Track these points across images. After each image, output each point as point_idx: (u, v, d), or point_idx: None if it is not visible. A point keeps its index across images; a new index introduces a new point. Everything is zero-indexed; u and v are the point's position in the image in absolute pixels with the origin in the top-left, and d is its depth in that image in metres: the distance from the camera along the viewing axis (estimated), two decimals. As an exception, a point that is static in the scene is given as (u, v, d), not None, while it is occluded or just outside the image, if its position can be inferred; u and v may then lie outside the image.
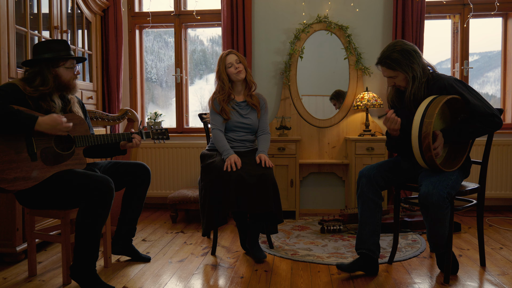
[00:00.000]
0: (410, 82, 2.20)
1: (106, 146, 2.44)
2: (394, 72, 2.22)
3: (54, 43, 2.19)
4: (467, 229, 3.25)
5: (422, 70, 2.21)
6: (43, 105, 2.15)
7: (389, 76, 2.26)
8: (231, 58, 2.74)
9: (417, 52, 2.21)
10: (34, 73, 2.16)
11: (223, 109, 2.71)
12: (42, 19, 2.98)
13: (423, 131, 2.03)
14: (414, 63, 2.18)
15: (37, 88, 2.12)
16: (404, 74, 2.20)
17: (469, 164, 2.29)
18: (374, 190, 2.25)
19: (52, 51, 2.17)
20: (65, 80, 2.21)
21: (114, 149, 2.47)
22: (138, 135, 2.44)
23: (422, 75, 2.20)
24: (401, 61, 2.18)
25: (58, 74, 2.19)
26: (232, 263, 2.55)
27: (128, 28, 4.16)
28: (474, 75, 4.16)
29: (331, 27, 3.82)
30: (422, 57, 2.24)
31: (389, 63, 2.21)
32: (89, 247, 2.07)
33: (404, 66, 2.18)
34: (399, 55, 2.18)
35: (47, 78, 2.15)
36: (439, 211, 2.03)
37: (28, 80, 2.14)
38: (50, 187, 2.09)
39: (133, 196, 2.52)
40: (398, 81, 2.25)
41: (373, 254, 2.24)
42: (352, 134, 3.87)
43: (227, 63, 2.74)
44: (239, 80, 2.76)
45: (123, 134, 2.39)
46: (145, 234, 3.23)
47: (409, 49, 2.20)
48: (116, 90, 3.92)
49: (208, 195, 2.53)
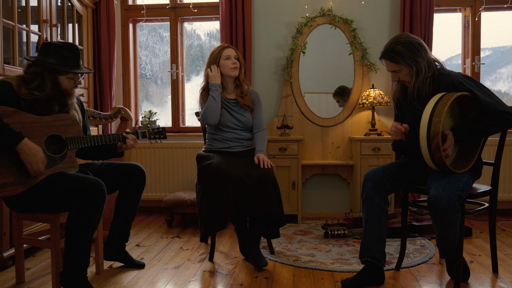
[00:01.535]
0: (413, 76, 2.21)
1: (101, 147, 2.44)
2: (398, 66, 2.22)
3: (65, 50, 2.16)
4: (479, 233, 3.25)
5: (427, 64, 2.20)
6: (38, 108, 2.14)
7: (392, 70, 2.26)
8: (230, 51, 2.73)
9: (422, 45, 2.21)
10: (34, 74, 2.13)
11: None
12: (31, 12, 2.98)
13: (432, 131, 2.03)
14: (419, 56, 2.18)
15: (32, 92, 2.10)
16: (408, 68, 2.20)
17: (480, 165, 2.29)
18: (380, 195, 2.25)
19: (61, 57, 2.14)
20: (63, 88, 2.19)
21: (111, 151, 2.46)
22: (132, 135, 2.43)
23: (427, 70, 2.20)
24: (405, 54, 2.18)
25: (59, 82, 2.17)
26: (230, 270, 2.55)
27: (121, 22, 4.16)
28: (486, 71, 4.16)
29: (335, 20, 3.83)
30: (428, 52, 2.24)
31: (392, 56, 2.21)
32: (80, 252, 2.08)
33: (408, 59, 2.18)
34: (402, 47, 2.19)
35: (46, 84, 2.12)
36: (449, 214, 2.03)
37: (26, 81, 2.13)
38: (40, 191, 2.09)
39: (127, 199, 2.52)
40: (402, 76, 2.25)
41: (378, 263, 2.24)
42: (357, 134, 3.87)
43: (225, 54, 2.71)
44: (231, 77, 2.74)
45: (118, 135, 2.38)
46: (139, 239, 3.23)
47: (414, 42, 2.20)
48: (109, 87, 3.92)
49: (205, 198, 2.53)
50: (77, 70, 2.18)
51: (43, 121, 2.14)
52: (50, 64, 2.12)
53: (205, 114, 2.66)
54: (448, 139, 2.11)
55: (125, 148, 2.43)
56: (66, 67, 2.15)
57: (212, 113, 2.64)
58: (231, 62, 2.70)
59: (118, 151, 2.46)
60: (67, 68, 2.15)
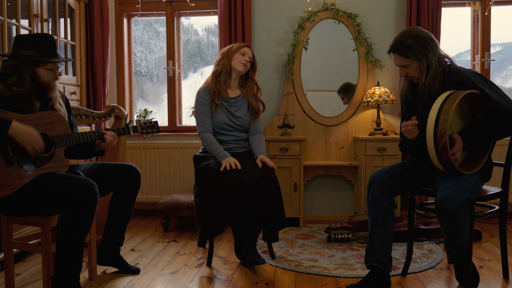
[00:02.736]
0: (424, 72, 2.21)
1: (84, 145, 2.41)
2: (407, 60, 2.23)
3: (39, 40, 2.16)
4: (489, 237, 3.25)
5: (438, 60, 2.21)
6: (19, 104, 2.14)
7: (401, 64, 2.26)
8: (248, 50, 2.81)
9: (433, 40, 2.21)
10: (11, 69, 2.13)
11: (215, 93, 2.72)
12: (21, 6, 2.98)
13: (439, 130, 2.03)
14: (430, 51, 2.19)
15: (11, 88, 2.11)
16: (418, 63, 2.20)
17: (490, 166, 2.29)
18: (386, 196, 2.25)
19: (36, 49, 2.14)
20: (43, 81, 2.19)
21: (89, 149, 2.43)
22: (111, 131, 2.37)
23: (438, 65, 2.21)
24: (415, 48, 2.18)
25: (37, 75, 2.17)
26: (229, 275, 2.55)
27: (115, 16, 4.16)
28: (496, 68, 4.16)
29: (339, 15, 3.83)
30: (439, 47, 2.24)
31: (402, 50, 2.21)
32: (71, 257, 2.08)
33: (418, 53, 2.19)
34: (413, 41, 2.19)
35: (24, 78, 2.13)
36: (458, 217, 2.03)
37: (3, 76, 2.13)
38: (28, 193, 2.09)
39: (121, 201, 2.52)
40: (410, 71, 2.25)
41: (385, 268, 2.24)
42: (362, 133, 3.87)
43: (243, 50, 2.78)
44: (238, 72, 2.77)
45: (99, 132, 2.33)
46: (134, 243, 3.23)
47: (425, 36, 2.20)
48: (102, 85, 3.92)
49: (203, 201, 2.54)
50: (55, 59, 2.19)
51: (28, 120, 2.14)
52: (26, 57, 2.13)
53: (203, 142, 2.73)
54: (457, 143, 2.10)
55: (104, 146, 2.39)
56: (43, 57, 2.15)
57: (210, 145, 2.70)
58: (244, 58, 2.77)
59: (96, 150, 2.42)
60: (44, 59, 2.15)
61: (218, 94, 2.75)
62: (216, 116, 2.74)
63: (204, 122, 2.73)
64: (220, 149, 2.64)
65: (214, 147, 2.66)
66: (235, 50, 2.77)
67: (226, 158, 2.58)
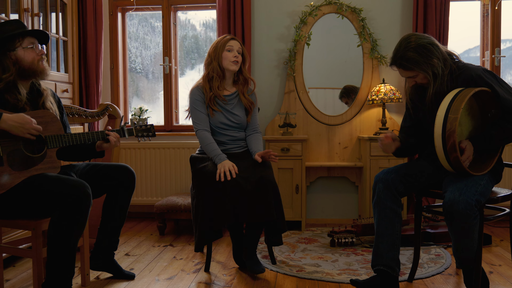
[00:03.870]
0: (431, 81, 2.21)
1: (81, 146, 2.42)
2: (413, 72, 2.23)
3: (4, 25, 2.19)
4: (499, 242, 3.26)
5: (443, 63, 2.21)
6: (9, 98, 2.15)
7: (407, 76, 2.27)
8: (234, 43, 2.74)
9: (434, 44, 2.21)
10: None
11: (210, 99, 2.71)
12: (11, 0, 2.98)
13: (448, 129, 2.03)
14: (433, 57, 2.18)
15: (0, 77, 2.13)
16: (424, 73, 2.21)
17: (501, 167, 2.29)
18: (393, 197, 2.25)
19: (6, 32, 2.16)
20: (27, 62, 2.20)
21: (89, 150, 2.44)
22: (115, 132, 2.39)
23: (444, 68, 2.20)
24: (418, 60, 2.18)
25: (18, 58, 2.18)
26: (228, 281, 2.55)
27: (109, 11, 4.16)
28: (507, 64, 4.16)
29: (343, 9, 3.83)
30: (441, 47, 2.23)
31: (405, 64, 2.22)
32: (63, 262, 2.08)
33: (423, 64, 2.18)
34: (414, 53, 2.18)
35: (6, 64, 2.15)
36: (467, 221, 2.03)
37: None
38: (18, 195, 2.09)
39: (115, 204, 2.52)
40: (419, 80, 2.26)
41: (392, 271, 2.24)
42: (366, 133, 3.87)
43: (228, 45, 2.72)
44: (229, 71, 2.75)
45: (102, 132, 2.37)
46: (128, 247, 3.24)
47: (425, 43, 2.19)
48: (95, 82, 3.93)
49: (200, 205, 2.53)
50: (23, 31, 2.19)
51: None
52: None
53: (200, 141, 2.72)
54: (467, 150, 2.10)
55: (106, 147, 2.40)
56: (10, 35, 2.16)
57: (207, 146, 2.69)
58: (232, 54, 2.71)
59: (97, 151, 2.43)
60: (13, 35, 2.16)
61: (214, 99, 2.74)
62: (214, 117, 2.74)
63: (201, 120, 2.72)
64: (217, 151, 2.63)
65: (212, 148, 2.65)
66: (221, 48, 2.72)
67: (221, 162, 2.57)
